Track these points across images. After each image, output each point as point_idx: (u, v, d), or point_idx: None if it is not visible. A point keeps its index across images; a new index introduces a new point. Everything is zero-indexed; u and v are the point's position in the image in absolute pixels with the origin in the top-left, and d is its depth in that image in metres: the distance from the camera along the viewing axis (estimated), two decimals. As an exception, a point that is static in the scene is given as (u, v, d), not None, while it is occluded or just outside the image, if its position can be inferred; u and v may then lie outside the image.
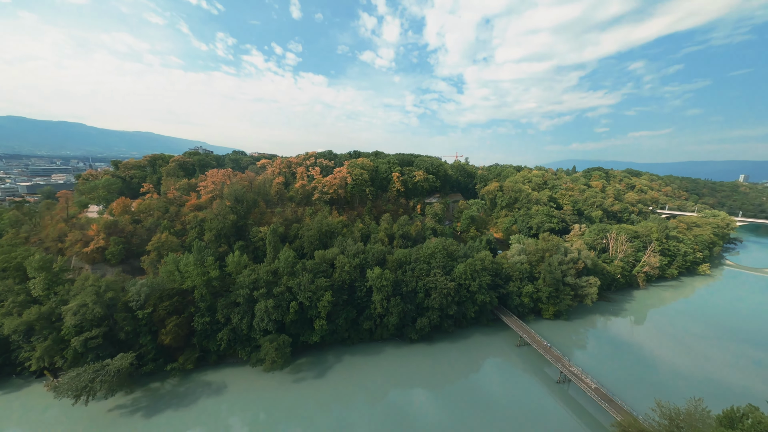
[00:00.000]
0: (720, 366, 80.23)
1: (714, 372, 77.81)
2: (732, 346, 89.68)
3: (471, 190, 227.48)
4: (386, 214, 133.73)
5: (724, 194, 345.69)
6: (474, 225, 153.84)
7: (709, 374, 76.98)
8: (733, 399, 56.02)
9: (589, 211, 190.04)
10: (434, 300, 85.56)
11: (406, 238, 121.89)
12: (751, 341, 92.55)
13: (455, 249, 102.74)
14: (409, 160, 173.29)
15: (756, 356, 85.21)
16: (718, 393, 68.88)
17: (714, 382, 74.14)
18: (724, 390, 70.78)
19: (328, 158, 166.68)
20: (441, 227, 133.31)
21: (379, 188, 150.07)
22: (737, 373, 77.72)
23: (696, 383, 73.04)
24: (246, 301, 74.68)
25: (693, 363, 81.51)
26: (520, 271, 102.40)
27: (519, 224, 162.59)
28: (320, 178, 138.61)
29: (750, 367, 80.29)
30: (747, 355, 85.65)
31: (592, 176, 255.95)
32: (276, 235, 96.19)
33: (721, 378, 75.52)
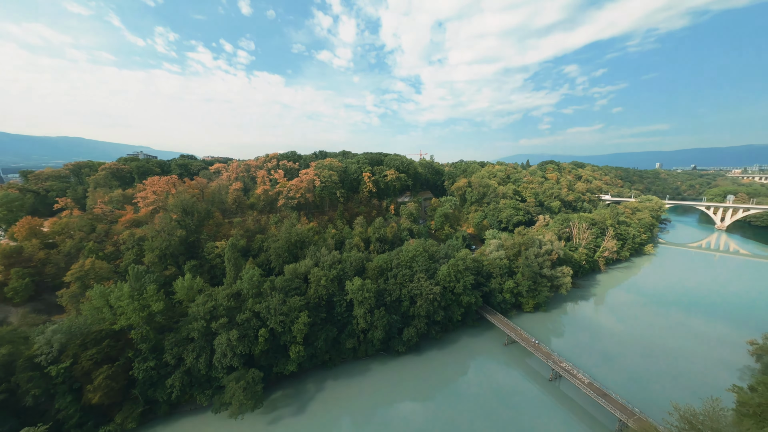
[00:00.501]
0: (677, 335, 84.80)
1: (674, 343, 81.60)
2: (680, 315, 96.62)
3: (440, 187, 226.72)
4: (359, 216, 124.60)
5: (649, 180, 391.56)
6: (447, 222, 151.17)
7: (674, 350, 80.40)
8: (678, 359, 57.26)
9: (549, 202, 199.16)
10: (420, 307, 78.76)
11: (383, 241, 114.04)
12: (687, 308, 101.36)
13: (436, 250, 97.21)
14: (378, 159, 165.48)
15: (688, 321, 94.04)
16: (672, 359, 71.99)
17: (672, 350, 77.56)
18: (672, 354, 74.83)
19: (291, 160, 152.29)
20: (417, 227, 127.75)
21: (349, 190, 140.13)
22: (684, 339, 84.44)
23: (661, 358, 75.78)
24: (203, 336, 60.87)
25: (657, 336, 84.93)
26: (500, 267, 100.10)
27: (489, 218, 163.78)
28: (284, 181, 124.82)
29: (684, 330, 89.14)
30: (687, 322, 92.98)
31: (546, 169, 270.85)
32: (236, 249, 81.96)
33: (676, 347, 79.37)
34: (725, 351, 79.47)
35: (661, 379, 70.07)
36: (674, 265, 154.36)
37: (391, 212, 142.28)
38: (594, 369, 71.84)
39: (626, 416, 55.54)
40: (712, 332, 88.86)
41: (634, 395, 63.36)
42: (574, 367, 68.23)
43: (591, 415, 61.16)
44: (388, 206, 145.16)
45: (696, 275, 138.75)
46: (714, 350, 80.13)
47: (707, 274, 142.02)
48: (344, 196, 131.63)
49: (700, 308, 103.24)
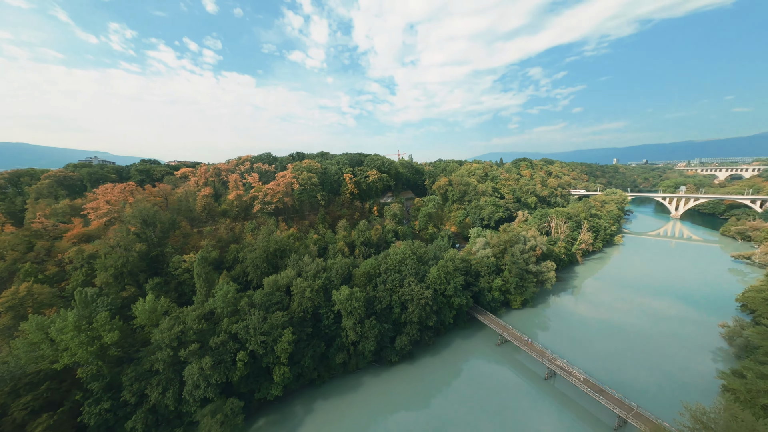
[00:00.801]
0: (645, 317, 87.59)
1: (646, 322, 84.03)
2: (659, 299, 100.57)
3: (420, 187, 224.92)
4: (342, 220, 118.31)
5: (610, 175, 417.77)
6: (431, 222, 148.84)
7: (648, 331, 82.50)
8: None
9: (525, 198, 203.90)
10: (412, 313, 74.52)
11: (368, 244, 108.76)
12: (659, 294, 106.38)
13: (424, 252, 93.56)
14: (359, 160, 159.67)
15: (661, 307, 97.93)
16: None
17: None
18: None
19: (267, 162, 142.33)
20: (402, 228, 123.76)
21: (330, 192, 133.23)
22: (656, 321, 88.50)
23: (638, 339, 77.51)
24: (169, 366, 52.35)
25: (633, 319, 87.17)
26: (487, 265, 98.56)
27: (471, 216, 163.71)
28: (260, 185, 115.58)
29: (659, 316, 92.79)
30: (660, 307, 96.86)
31: (520, 166, 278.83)
32: (207, 263, 72.91)
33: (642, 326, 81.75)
34: (699, 334, 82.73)
35: (646, 366, 71.08)
36: (640, 253, 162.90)
37: (374, 214, 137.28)
38: (584, 362, 71.40)
39: (624, 411, 54.73)
40: (683, 316, 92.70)
41: (626, 386, 63.52)
42: (569, 364, 67.22)
43: (589, 413, 60.05)
44: (371, 208, 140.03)
45: (660, 262, 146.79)
46: (688, 334, 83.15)
47: (669, 260, 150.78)
48: (325, 199, 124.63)
49: (669, 293, 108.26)
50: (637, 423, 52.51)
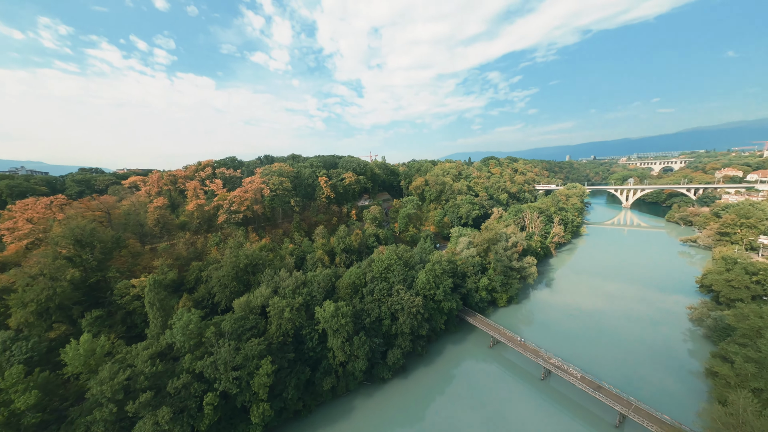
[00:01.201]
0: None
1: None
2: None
3: (396, 188, 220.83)
4: (319, 226, 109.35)
5: (566, 170, 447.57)
6: (411, 223, 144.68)
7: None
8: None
9: (497, 194, 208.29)
10: (404, 324, 68.64)
11: (350, 251, 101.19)
12: (628, 280, 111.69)
13: (410, 256, 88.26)
14: (333, 162, 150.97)
15: (631, 292, 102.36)
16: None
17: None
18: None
19: (231, 167, 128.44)
20: (383, 231, 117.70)
21: (304, 197, 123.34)
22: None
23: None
24: (113, 426, 41.07)
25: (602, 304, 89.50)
26: (473, 265, 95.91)
27: (450, 215, 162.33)
28: (224, 193, 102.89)
29: (631, 301, 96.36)
30: (630, 292, 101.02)
31: (489, 164, 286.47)
32: (162, 286, 60.83)
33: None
34: (668, 317, 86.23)
35: (628, 353, 71.98)
36: (603, 242, 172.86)
37: (353, 218, 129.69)
38: (572, 356, 70.41)
39: (624, 407, 53.46)
40: (652, 300, 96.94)
41: (614, 377, 63.25)
42: (564, 362, 65.57)
43: (589, 411, 58.36)
44: (349, 212, 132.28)
45: (621, 249, 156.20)
46: (660, 318, 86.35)
47: (628, 247, 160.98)
48: (299, 204, 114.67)
49: (635, 279, 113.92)
50: (639, 418, 51.31)
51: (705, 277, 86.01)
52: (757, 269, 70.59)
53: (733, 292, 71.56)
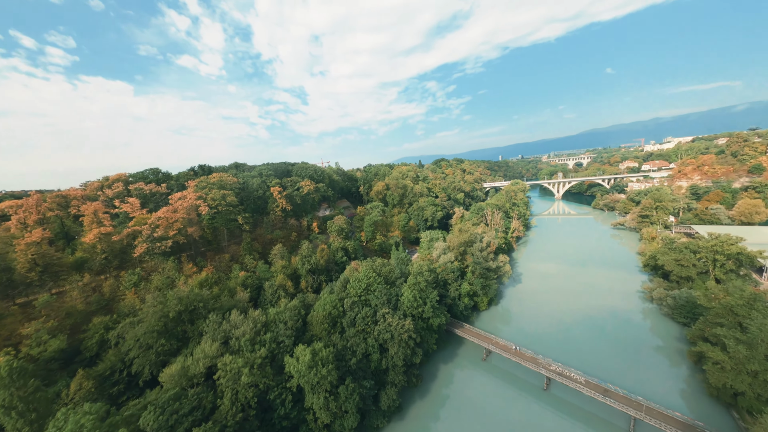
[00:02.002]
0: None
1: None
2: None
3: (355, 194, 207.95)
4: (277, 245, 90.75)
5: (504, 169, 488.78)
6: (378, 231, 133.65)
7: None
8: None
9: (454, 194, 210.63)
10: (396, 356, 56.76)
11: (317, 271, 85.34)
12: (583, 264, 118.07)
13: (389, 270, 76.77)
14: (285, 170, 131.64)
15: (589, 277, 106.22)
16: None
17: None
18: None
19: (154, 180, 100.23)
20: (351, 244, 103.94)
21: (255, 212, 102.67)
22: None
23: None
24: None
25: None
26: (452, 271, 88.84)
27: (415, 219, 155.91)
28: (143, 215, 77.77)
29: (592, 285, 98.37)
30: (587, 277, 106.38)
31: (441, 166, 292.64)
32: (25, 376, 37.99)
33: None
34: (626, 298, 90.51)
35: (606, 341, 71.98)
36: (551, 231, 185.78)
37: (315, 231, 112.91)
38: (561, 354, 67.31)
39: (635, 409, 50.09)
40: (606, 280, 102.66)
41: (602, 369, 61.40)
42: (565, 367, 61.12)
43: (599, 417, 54.08)
44: (310, 224, 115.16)
45: (567, 236, 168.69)
46: (622, 302, 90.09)
47: (572, 234, 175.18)
48: (249, 221, 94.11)
49: (587, 261, 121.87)
50: (652, 420, 48.10)
51: (652, 258, 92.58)
52: (699, 247, 76.98)
53: (683, 270, 76.83)
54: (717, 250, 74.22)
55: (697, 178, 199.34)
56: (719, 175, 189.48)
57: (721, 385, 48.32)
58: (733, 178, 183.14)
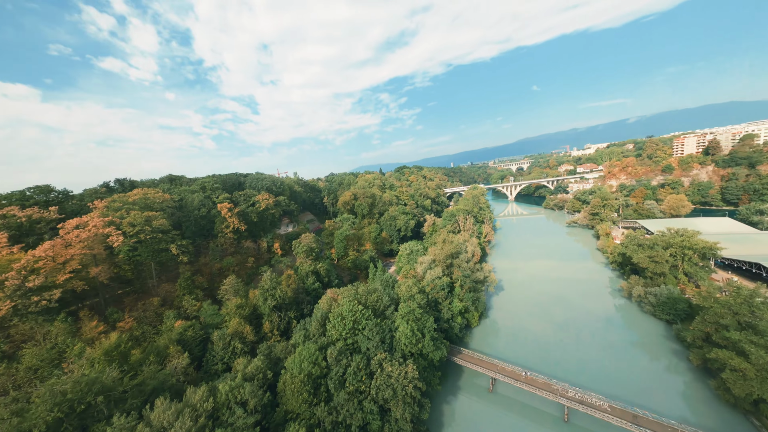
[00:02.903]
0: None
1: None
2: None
3: (319, 206, 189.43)
4: (228, 277, 70.12)
5: (459, 174, 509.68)
6: (350, 246, 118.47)
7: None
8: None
9: (422, 201, 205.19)
10: (402, 419, 42.88)
11: (284, 307, 67.08)
12: (549, 262, 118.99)
13: (377, 298, 62.81)
14: (236, 182, 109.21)
15: (569, 274, 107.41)
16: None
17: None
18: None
19: (36, 203, 70.35)
20: (323, 266, 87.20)
21: (197, 235, 79.90)
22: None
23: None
24: None
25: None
26: (442, 288, 78.49)
27: (387, 230, 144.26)
28: (11, 255, 51.67)
29: (562, 283, 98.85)
30: (567, 275, 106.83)
31: (404, 173, 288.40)
32: None
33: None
34: (606, 298, 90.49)
35: (597, 349, 68.10)
36: (513, 232, 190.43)
37: (277, 253, 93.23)
38: (567, 371, 61.03)
39: (669, 434, 44.07)
40: (581, 280, 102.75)
41: (608, 382, 56.25)
42: (585, 392, 53.80)
43: (629, 448, 47.15)
44: (271, 245, 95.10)
45: (530, 236, 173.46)
46: (600, 299, 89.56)
47: (532, 233, 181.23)
48: (188, 249, 71.56)
49: (557, 258, 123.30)
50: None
51: (621, 255, 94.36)
52: (668, 243, 78.99)
53: (658, 267, 77.81)
54: (686, 245, 76.30)
55: (624, 178, 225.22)
56: (640, 175, 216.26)
57: (746, 394, 44.87)
58: (651, 177, 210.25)
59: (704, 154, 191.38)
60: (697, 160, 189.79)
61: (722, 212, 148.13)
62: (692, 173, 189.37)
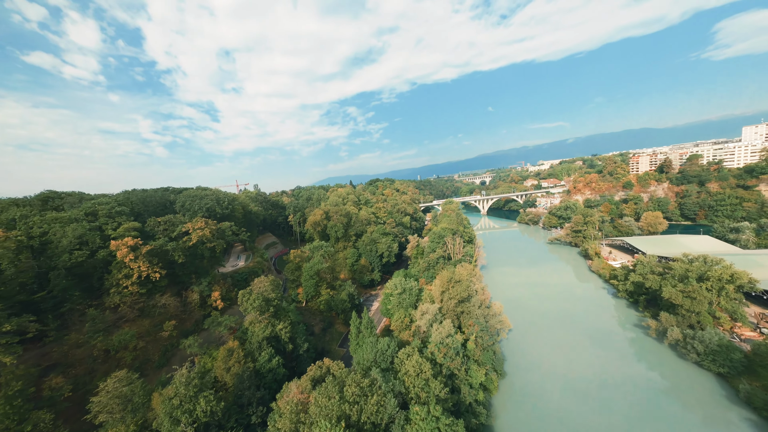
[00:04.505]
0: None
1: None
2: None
3: (282, 226, 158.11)
4: (118, 372, 39.52)
5: (429, 187, 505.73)
6: (324, 282, 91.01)
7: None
8: None
9: (400, 218, 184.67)
10: None
11: (212, 425, 38.20)
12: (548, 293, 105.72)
13: (376, 406, 37.37)
14: (161, 202, 76.45)
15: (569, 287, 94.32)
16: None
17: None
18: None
19: None
20: (284, 327, 58.70)
21: (70, 295, 47.12)
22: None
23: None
24: None
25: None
26: (456, 351, 55.88)
27: (367, 256, 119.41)
28: None
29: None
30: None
31: (378, 186, 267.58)
32: None
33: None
34: (634, 342, 76.00)
35: (658, 419, 50.69)
36: (495, 250, 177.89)
37: (217, 308, 62.61)
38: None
39: None
40: (596, 316, 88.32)
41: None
42: None
43: None
44: (207, 295, 64.06)
45: (515, 255, 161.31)
46: (628, 343, 75.30)
47: (516, 252, 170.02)
48: (52, 324, 39.43)
49: (557, 289, 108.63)
50: None
51: (636, 285, 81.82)
52: (703, 274, 66.91)
53: (695, 305, 64.70)
54: (724, 278, 64.36)
55: (588, 193, 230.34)
56: (604, 191, 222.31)
57: None
58: (613, 193, 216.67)
59: (659, 172, 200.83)
60: (654, 177, 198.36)
61: (696, 228, 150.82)
62: (650, 189, 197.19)
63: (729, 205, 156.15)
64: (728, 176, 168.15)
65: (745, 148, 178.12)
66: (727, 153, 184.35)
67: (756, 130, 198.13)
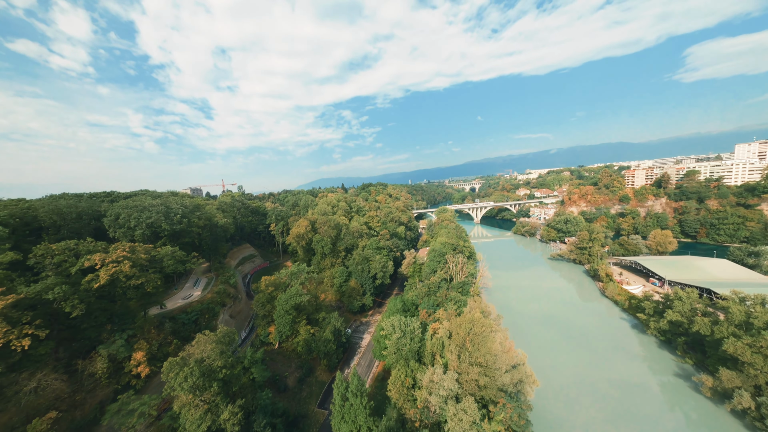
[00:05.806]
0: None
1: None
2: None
3: (263, 235, 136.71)
4: None
5: (421, 192, 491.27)
6: (303, 316, 71.04)
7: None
8: None
9: (394, 228, 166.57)
10: None
11: None
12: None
13: None
14: (88, 213, 54.67)
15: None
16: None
17: None
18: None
19: None
20: (231, 414, 39.15)
21: None
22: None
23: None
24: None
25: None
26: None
27: (358, 276, 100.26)
28: None
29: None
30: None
31: (371, 191, 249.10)
32: None
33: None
34: (680, 401, 61.56)
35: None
36: (497, 265, 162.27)
37: (136, 375, 42.19)
38: None
39: None
40: (626, 363, 73.32)
41: None
42: None
43: None
44: (127, 356, 43.50)
45: (518, 273, 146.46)
46: (673, 401, 60.32)
47: (519, 267, 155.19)
48: None
49: (575, 323, 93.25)
50: None
51: (673, 324, 66.83)
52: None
53: (761, 361, 49.64)
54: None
55: (584, 206, 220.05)
56: (599, 203, 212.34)
57: None
58: (609, 206, 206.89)
59: (656, 186, 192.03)
60: (651, 191, 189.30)
61: (696, 246, 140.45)
62: (647, 204, 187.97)
63: (732, 224, 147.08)
64: (728, 194, 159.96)
65: (743, 165, 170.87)
66: (725, 170, 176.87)
67: (749, 148, 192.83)
